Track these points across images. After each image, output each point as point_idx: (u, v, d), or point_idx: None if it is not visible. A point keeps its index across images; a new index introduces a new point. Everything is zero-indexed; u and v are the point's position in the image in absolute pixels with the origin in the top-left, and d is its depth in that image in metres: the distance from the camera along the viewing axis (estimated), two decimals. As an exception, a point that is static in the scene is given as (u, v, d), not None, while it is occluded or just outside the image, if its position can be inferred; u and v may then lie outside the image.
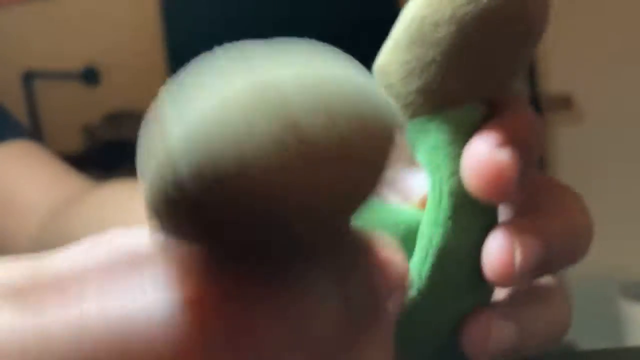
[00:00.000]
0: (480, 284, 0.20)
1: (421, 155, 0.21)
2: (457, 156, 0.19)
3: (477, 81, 0.19)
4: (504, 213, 0.21)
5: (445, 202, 0.20)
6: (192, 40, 2.03)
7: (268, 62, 0.13)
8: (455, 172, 0.19)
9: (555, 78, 1.91)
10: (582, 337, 1.96)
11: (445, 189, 0.20)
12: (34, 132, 1.86)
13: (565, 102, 1.77)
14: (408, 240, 0.21)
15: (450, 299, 0.21)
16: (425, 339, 0.21)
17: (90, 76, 2.12)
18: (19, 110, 1.96)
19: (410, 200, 0.23)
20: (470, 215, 0.20)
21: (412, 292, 0.20)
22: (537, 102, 1.68)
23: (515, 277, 0.18)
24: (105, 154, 2.02)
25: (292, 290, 0.14)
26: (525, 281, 0.19)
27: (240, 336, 0.14)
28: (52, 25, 2.17)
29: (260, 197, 0.12)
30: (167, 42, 2.01)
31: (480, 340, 0.19)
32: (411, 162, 0.21)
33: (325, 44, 0.14)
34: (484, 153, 0.18)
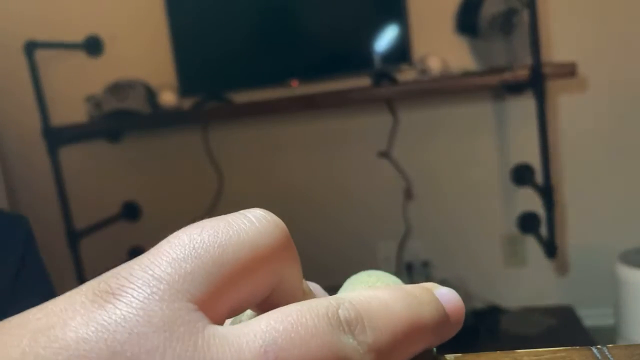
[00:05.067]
0: None
1: None
2: None
3: None
4: None
5: None
6: (194, 11, 2.01)
7: None
8: None
9: (560, 46, 1.89)
10: (584, 300, 2.00)
11: None
12: (39, 103, 1.87)
13: (569, 70, 1.75)
14: None
15: None
16: None
17: (92, 46, 2.11)
18: (22, 81, 1.96)
19: None
20: None
21: None
22: (540, 70, 1.67)
23: None
24: (109, 124, 2.03)
25: None
26: None
27: None
28: (53, -6, 2.16)
29: None
30: (170, 12, 1.99)
31: None
32: None
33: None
34: None
